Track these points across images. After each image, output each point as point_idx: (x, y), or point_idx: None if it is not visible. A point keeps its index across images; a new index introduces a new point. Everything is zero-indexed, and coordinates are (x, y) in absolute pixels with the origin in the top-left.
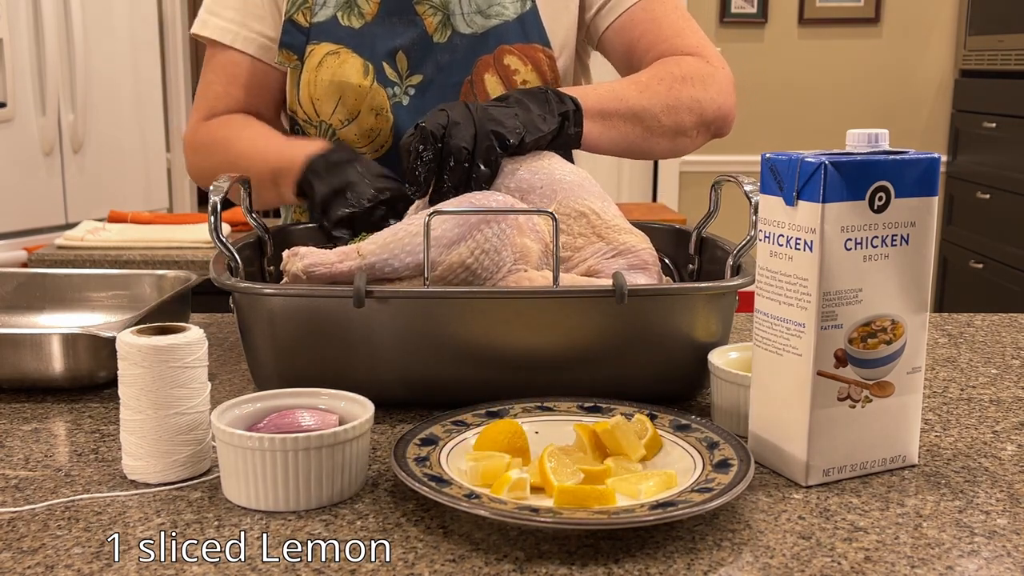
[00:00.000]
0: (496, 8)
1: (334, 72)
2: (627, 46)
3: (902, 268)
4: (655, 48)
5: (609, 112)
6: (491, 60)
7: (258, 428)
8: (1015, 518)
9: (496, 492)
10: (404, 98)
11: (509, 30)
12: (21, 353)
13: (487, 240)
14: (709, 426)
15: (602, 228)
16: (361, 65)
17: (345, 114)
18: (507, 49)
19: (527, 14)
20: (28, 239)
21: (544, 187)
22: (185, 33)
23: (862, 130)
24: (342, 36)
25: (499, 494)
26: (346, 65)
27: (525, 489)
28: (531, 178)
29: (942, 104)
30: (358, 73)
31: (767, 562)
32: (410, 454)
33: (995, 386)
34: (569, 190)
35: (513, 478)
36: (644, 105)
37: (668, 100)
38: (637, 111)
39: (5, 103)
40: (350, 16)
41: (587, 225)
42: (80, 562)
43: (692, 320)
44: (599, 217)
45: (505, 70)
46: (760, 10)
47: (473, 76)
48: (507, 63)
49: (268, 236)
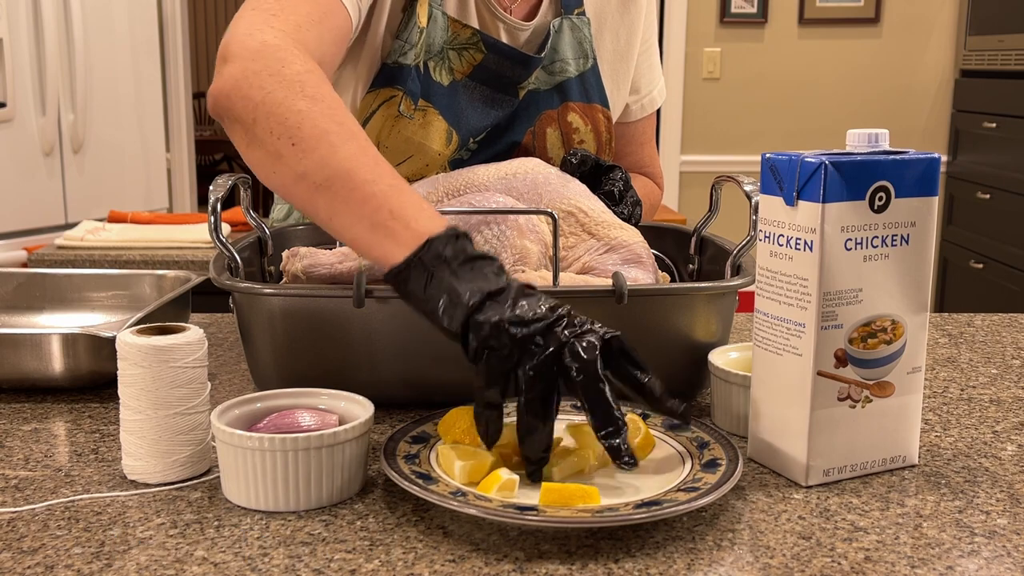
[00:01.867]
0: (559, 64)
1: (416, 132)
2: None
3: (902, 268)
4: (628, 159)
5: None
6: (555, 115)
7: (258, 428)
8: (1015, 518)
9: (485, 491)
10: (466, 154)
11: (572, 87)
12: (21, 353)
13: (487, 241)
14: (700, 426)
15: (591, 225)
16: (445, 133)
17: (408, 172)
18: (571, 107)
19: (588, 73)
20: (28, 239)
21: (528, 192)
22: (185, 33)
23: (862, 130)
24: (430, 91)
25: (488, 492)
26: (431, 128)
27: (514, 490)
28: (514, 183)
29: (942, 104)
30: (440, 141)
31: (767, 562)
32: (400, 451)
33: (995, 386)
34: (554, 191)
35: (503, 478)
36: None
37: None
38: None
39: (5, 103)
40: (440, 71)
41: (576, 224)
42: (80, 562)
43: (692, 320)
44: (587, 215)
45: (567, 127)
46: (760, 10)
47: (536, 128)
48: (570, 120)
49: (268, 236)
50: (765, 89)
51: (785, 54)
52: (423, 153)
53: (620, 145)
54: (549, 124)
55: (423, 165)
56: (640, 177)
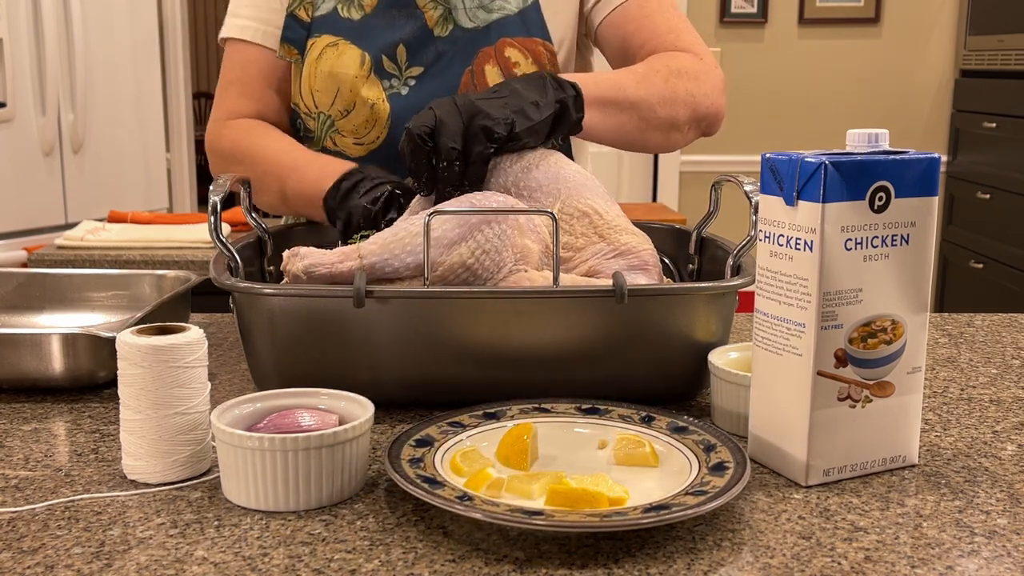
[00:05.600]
0: (498, 2)
1: (332, 64)
2: (621, 41)
3: (902, 268)
4: (649, 44)
5: (608, 100)
6: (492, 52)
7: (258, 428)
8: (1015, 518)
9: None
10: (403, 88)
11: (510, 23)
12: (21, 353)
13: (487, 240)
14: (707, 428)
15: (603, 228)
16: (358, 56)
17: (343, 105)
18: (508, 42)
19: (528, 8)
20: (28, 239)
21: (549, 185)
22: (185, 33)
23: (862, 130)
24: (341, 28)
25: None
26: (344, 56)
27: (501, 488)
28: (536, 175)
29: (942, 104)
30: (355, 64)
31: (767, 562)
32: (405, 455)
33: (995, 386)
34: (573, 189)
35: (492, 476)
36: (642, 96)
37: (664, 92)
38: (635, 101)
39: (5, 103)
40: (350, 8)
41: (589, 225)
42: (80, 562)
43: (692, 320)
44: (601, 217)
45: (506, 62)
46: (760, 10)
47: (474, 67)
48: (508, 55)
49: (268, 236)
50: (765, 89)
51: (785, 54)
52: (344, 82)
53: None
54: (487, 61)
55: (348, 92)
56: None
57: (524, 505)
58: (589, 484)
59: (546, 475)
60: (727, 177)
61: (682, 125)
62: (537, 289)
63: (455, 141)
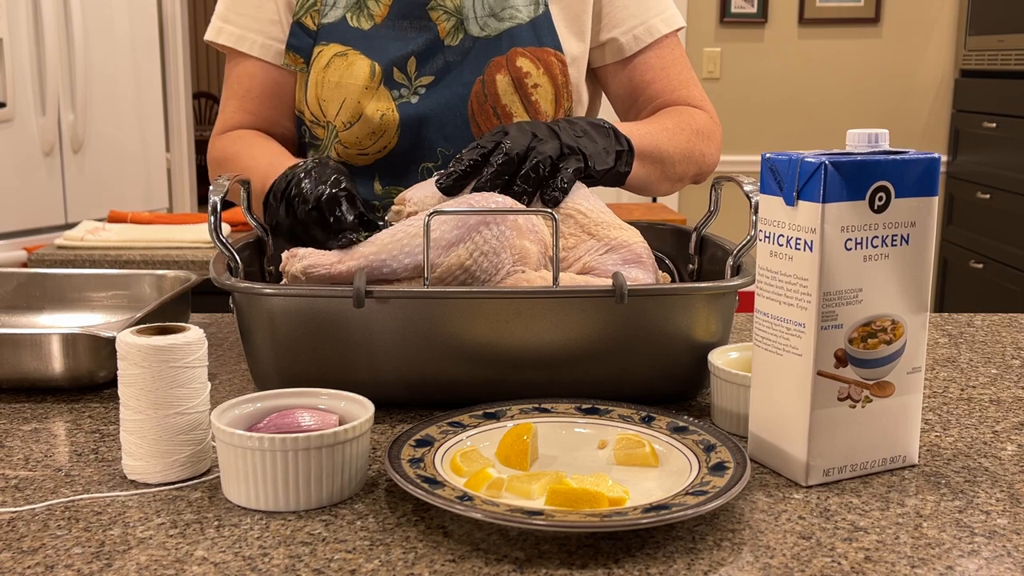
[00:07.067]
0: (509, 11)
1: (341, 74)
2: (633, 86)
3: (902, 268)
4: (663, 96)
5: (646, 155)
6: (503, 61)
7: (258, 428)
8: (1015, 518)
9: (474, 489)
10: (412, 97)
11: (522, 33)
12: (21, 353)
13: (486, 242)
14: (706, 428)
15: (591, 226)
16: (368, 67)
17: (348, 116)
18: (520, 51)
19: (540, 18)
20: (28, 239)
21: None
22: (185, 33)
23: (862, 130)
24: (350, 38)
25: (477, 491)
26: (354, 67)
27: (501, 488)
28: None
29: (942, 104)
30: (364, 75)
31: (767, 562)
32: (405, 455)
33: (995, 386)
34: None
35: (492, 476)
36: (670, 151)
37: (686, 150)
38: (663, 156)
39: (5, 103)
40: (359, 18)
41: (575, 225)
42: (80, 562)
43: (692, 320)
44: (586, 216)
45: (517, 72)
46: (760, 10)
47: (485, 76)
48: (519, 65)
49: (268, 236)
50: (765, 89)
51: (785, 54)
52: (350, 93)
53: (643, 82)
54: (498, 71)
55: (356, 104)
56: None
57: (524, 505)
58: (589, 484)
59: (546, 475)
60: (727, 177)
61: (687, 179)
62: (537, 289)
63: (553, 152)
